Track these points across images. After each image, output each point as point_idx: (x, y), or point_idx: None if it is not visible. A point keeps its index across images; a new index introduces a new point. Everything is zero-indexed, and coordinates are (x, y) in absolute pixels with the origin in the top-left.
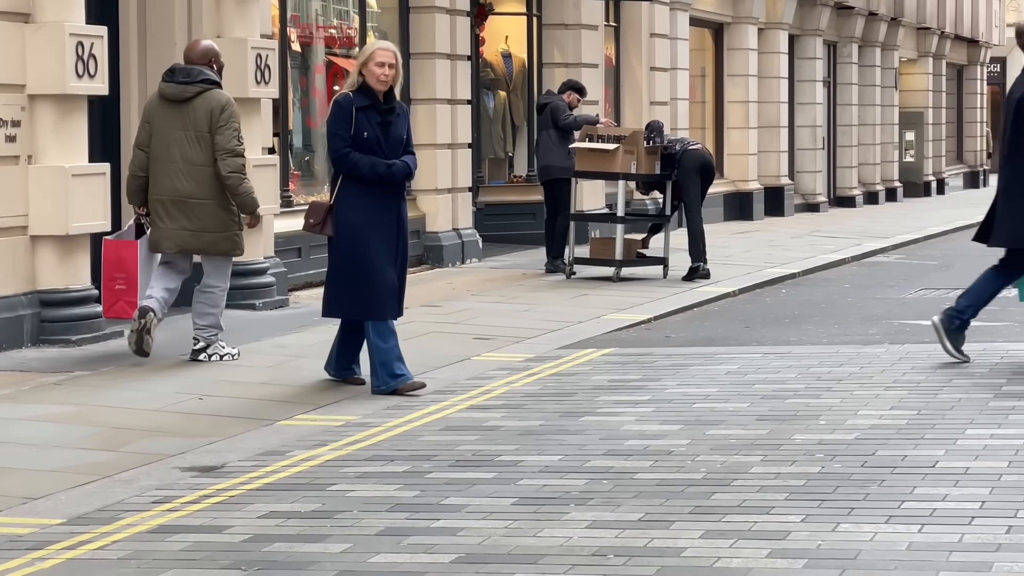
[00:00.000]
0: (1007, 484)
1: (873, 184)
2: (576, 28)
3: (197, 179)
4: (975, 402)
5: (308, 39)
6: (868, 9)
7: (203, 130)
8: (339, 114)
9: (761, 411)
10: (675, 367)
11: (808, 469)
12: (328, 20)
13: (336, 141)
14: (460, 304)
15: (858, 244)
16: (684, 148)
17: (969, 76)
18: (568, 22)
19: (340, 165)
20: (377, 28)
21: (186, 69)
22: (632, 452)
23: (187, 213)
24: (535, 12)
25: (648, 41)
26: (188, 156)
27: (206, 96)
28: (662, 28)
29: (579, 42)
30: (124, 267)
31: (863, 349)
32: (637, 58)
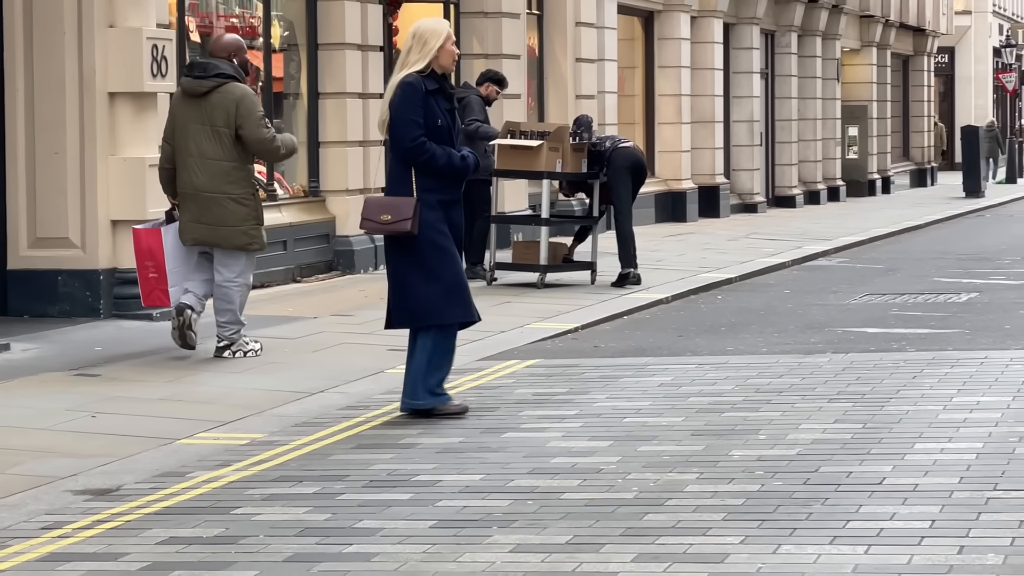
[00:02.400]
0: (958, 501)
1: (814, 183)
2: (496, 16)
3: (211, 173)
4: (924, 415)
5: (208, 28)
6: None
7: (218, 124)
8: (413, 97)
9: (696, 425)
10: (604, 379)
11: (747, 487)
12: (229, 8)
13: (411, 128)
14: (374, 313)
15: (799, 247)
16: (614, 146)
17: (916, 67)
18: (488, 10)
19: (415, 155)
20: (282, 17)
21: (203, 63)
22: (559, 470)
23: (202, 207)
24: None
25: (574, 30)
26: (203, 150)
27: (222, 91)
28: (588, 16)
29: (500, 31)
30: (153, 256)
31: (805, 359)
32: (562, 49)
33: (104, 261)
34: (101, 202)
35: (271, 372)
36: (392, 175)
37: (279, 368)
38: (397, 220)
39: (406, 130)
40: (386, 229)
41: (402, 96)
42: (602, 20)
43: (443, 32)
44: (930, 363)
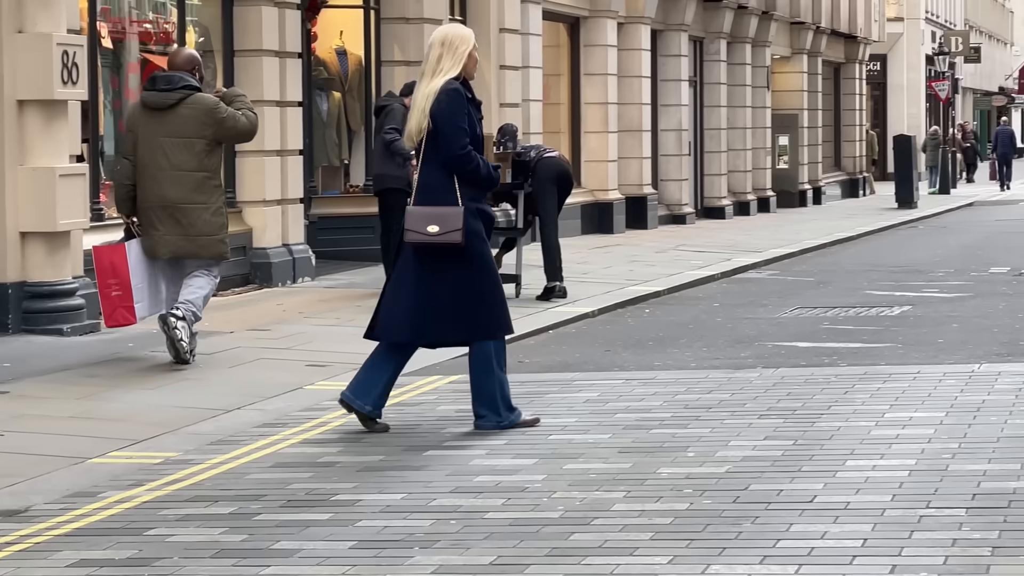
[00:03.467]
0: (890, 520)
1: (744, 193)
2: (418, 22)
3: (185, 184)
4: (856, 431)
5: (121, 35)
6: (737, 2)
7: (190, 135)
8: (461, 104)
9: (624, 443)
10: (529, 395)
11: (675, 506)
12: (143, 14)
13: (461, 136)
14: (291, 327)
15: (728, 259)
16: (539, 156)
17: (847, 75)
18: (409, 16)
19: (463, 164)
20: (198, 22)
21: (168, 76)
22: (482, 489)
23: (178, 218)
24: (373, 5)
25: (497, 37)
26: (175, 162)
27: (190, 102)
28: (512, 22)
29: (421, 38)
30: (117, 272)
31: (734, 374)
32: (485, 56)
33: (13, 274)
34: (10, 213)
35: (186, 389)
36: (431, 184)
37: (194, 384)
38: (447, 231)
39: (456, 138)
40: (435, 241)
41: (449, 103)
42: (527, 26)
43: (471, 38)
44: (862, 378)
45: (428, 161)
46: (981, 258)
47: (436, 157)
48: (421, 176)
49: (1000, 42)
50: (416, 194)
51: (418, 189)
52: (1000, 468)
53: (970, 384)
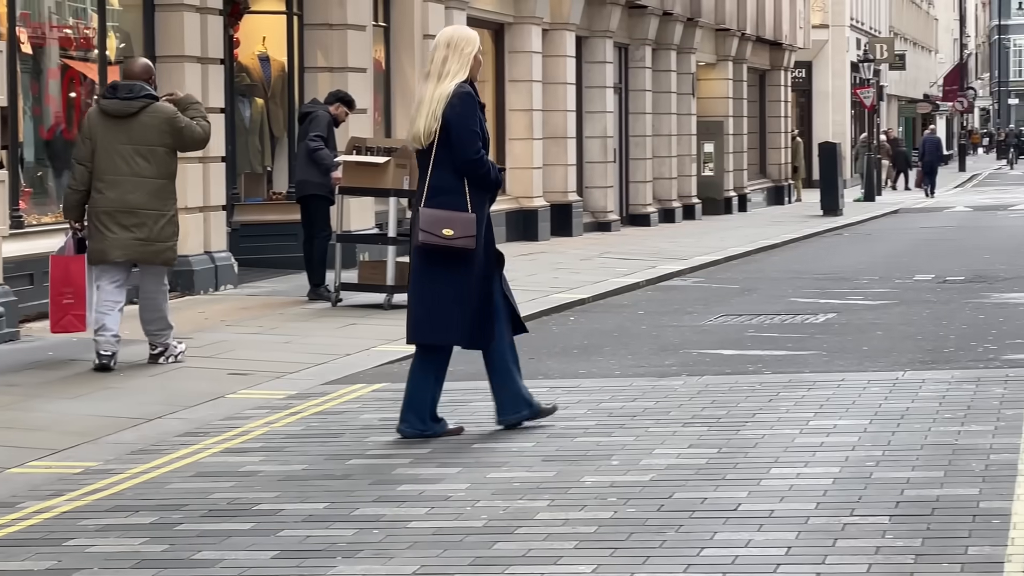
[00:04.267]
0: (815, 527)
1: (669, 200)
2: (342, 28)
3: (145, 191)
4: (780, 439)
5: (41, 40)
6: (662, 9)
7: (152, 143)
8: (473, 107)
9: (548, 451)
10: (453, 403)
11: (599, 514)
12: (63, 19)
13: (475, 140)
14: (213, 336)
15: (653, 266)
16: None
17: (772, 82)
18: (333, 22)
19: (476, 168)
20: (119, 28)
21: (128, 85)
22: (405, 498)
23: (136, 223)
24: (296, 11)
25: (421, 43)
26: (136, 169)
27: (150, 111)
28: (437, 28)
29: (345, 44)
30: (72, 281)
31: (659, 382)
32: (410, 62)
33: None
34: None
35: (107, 398)
36: (443, 186)
37: (116, 393)
38: (462, 236)
39: (471, 142)
40: (450, 244)
41: (463, 106)
42: None
43: (476, 40)
44: (786, 386)
45: (440, 164)
46: (906, 266)
47: (448, 160)
48: (432, 179)
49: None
50: (427, 196)
51: (429, 191)
52: (923, 476)
53: (894, 392)
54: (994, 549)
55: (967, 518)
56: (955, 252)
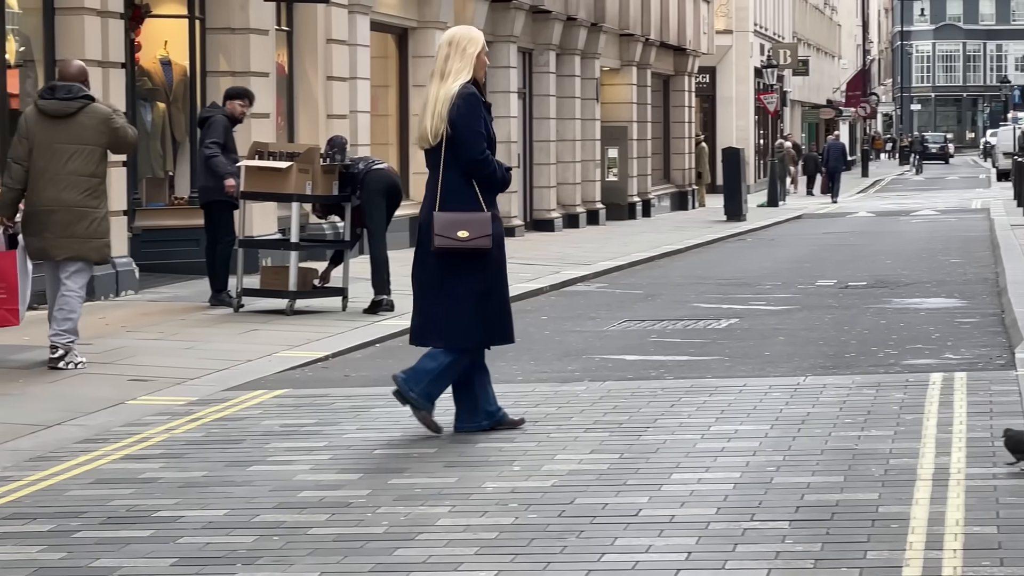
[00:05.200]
0: (715, 533)
1: (573, 206)
2: (244, 32)
3: (82, 189)
4: (682, 444)
5: None
6: (566, 14)
7: (90, 143)
8: (478, 108)
9: (450, 457)
10: (355, 409)
11: (500, 520)
12: None
13: (480, 140)
14: (114, 341)
15: (557, 272)
16: (367, 168)
17: (676, 87)
18: (235, 26)
19: (482, 168)
20: (18, 31)
21: (66, 86)
22: (306, 504)
23: (70, 221)
24: (198, 15)
25: (325, 47)
26: (74, 168)
27: (88, 111)
28: (340, 33)
29: (247, 48)
30: (4, 277)
31: (561, 387)
32: (313, 66)
33: None
34: None
35: (5, 404)
36: (453, 188)
37: (14, 400)
38: (477, 236)
39: (476, 143)
40: (466, 246)
41: (467, 107)
42: (354, 37)
43: (480, 39)
44: (688, 391)
45: (450, 166)
46: (808, 271)
47: (456, 162)
48: (444, 182)
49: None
50: (440, 200)
51: (442, 195)
52: (824, 480)
53: (795, 397)
54: (892, 553)
55: (866, 523)
56: (857, 258)
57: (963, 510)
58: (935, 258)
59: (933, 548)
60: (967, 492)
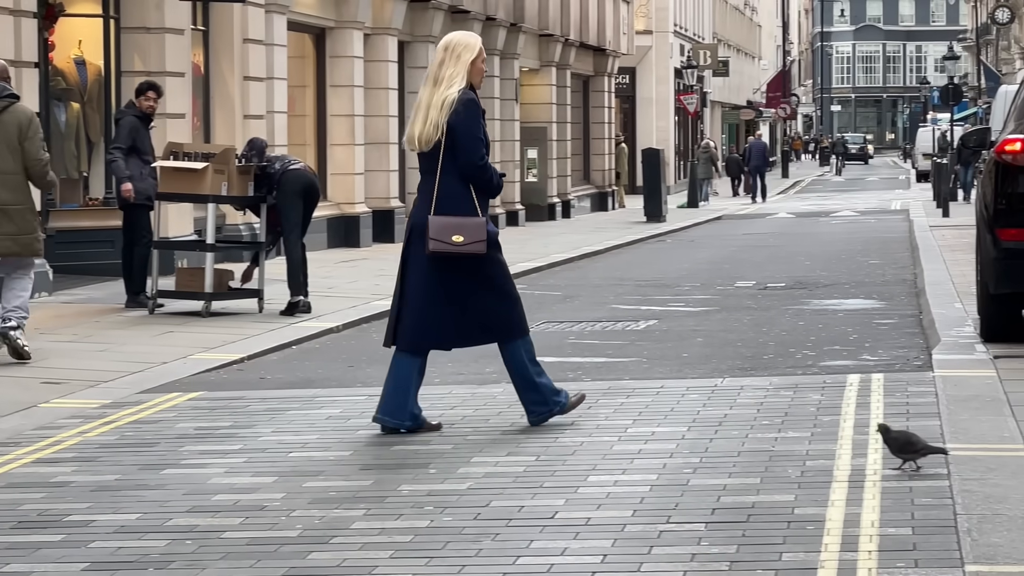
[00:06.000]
0: (631, 535)
1: (492, 207)
2: (159, 32)
3: (12, 187)
4: (599, 446)
5: None
6: (485, 14)
7: (15, 141)
8: (477, 114)
9: (365, 460)
10: (270, 412)
11: (416, 523)
12: None
13: (479, 146)
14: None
15: None
16: (284, 168)
17: (596, 88)
18: (150, 25)
19: (481, 174)
20: None
21: None
22: (220, 508)
23: (7, 219)
24: (113, 14)
25: (241, 47)
26: (4, 166)
27: (12, 110)
28: (257, 33)
29: (163, 48)
30: None
31: (479, 389)
32: (229, 66)
33: None
34: None
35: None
36: (449, 193)
37: None
38: (472, 241)
39: (475, 148)
40: (460, 251)
41: (466, 113)
42: (271, 37)
43: (476, 46)
44: (606, 393)
45: (447, 171)
46: (727, 272)
47: (454, 167)
48: (441, 186)
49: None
50: (436, 205)
51: (438, 200)
52: (740, 482)
53: (713, 398)
54: (808, 555)
55: (782, 524)
56: (776, 259)
57: (878, 512)
58: (854, 259)
59: (848, 550)
60: (883, 494)
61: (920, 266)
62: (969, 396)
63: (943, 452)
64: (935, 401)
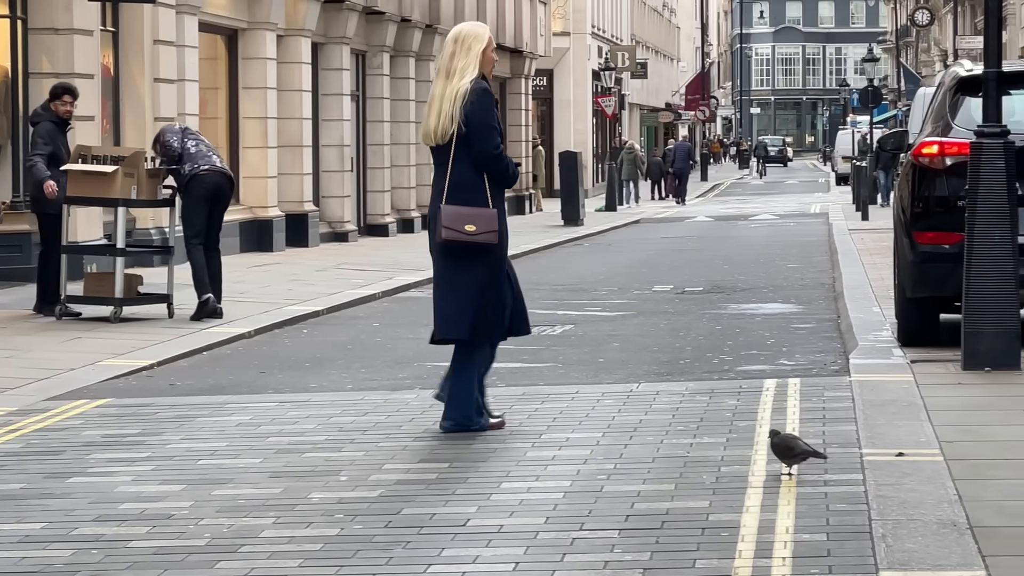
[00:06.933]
0: (544, 542)
1: (408, 210)
2: (68, 33)
3: None
4: (512, 452)
5: None
6: (400, 15)
7: None
8: (491, 103)
9: (275, 467)
10: (179, 419)
11: (326, 531)
12: None
13: (494, 135)
14: None
15: (390, 277)
16: (192, 171)
17: (513, 90)
18: (59, 26)
19: (496, 163)
20: None
21: None
22: (127, 517)
23: None
24: (20, 14)
25: (152, 49)
26: None
27: None
28: (167, 34)
29: (71, 49)
30: None
31: (391, 395)
32: (139, 68)
33: None
34: None
35: None
36: (463, 183)
37: None
38: (484, 231)
39: (490, 138)
40: (472, 240)
41: (480, 103)
42: (182, 38)
43: (485, 36)
44: (520, 398)
45: (460, 161)
46: (645, 276)
47: (467, 157)
48: (453, 176)
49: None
50: (448, 193)
51: (450, 189)
52: (654, 489)
53: (628, 404)
54: (721, 562)
55: (696, 531)
56: (694, 263)
57: (793, 518)
58: (773, 263)
59: (762, 556)
60: (798, 499)
61: (839, 270)
62: (886, 401)
63: (822, 457)
64: (851, 406)
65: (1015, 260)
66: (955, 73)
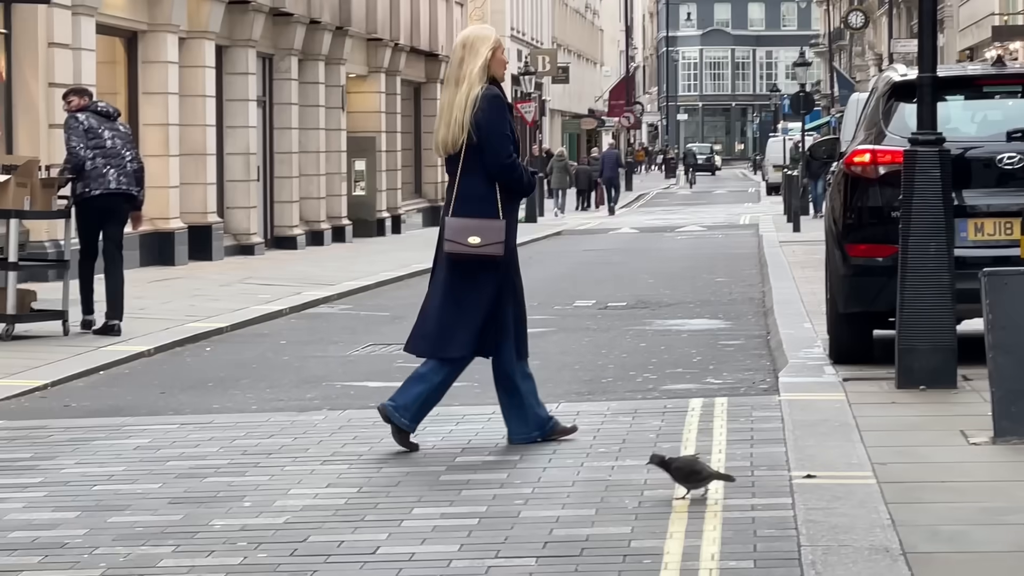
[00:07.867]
0: (457, 571)
1: (317, 222)
2: None
3: None
4: (424, 476)
5: None
6: (309, 16)
7: None
8: (503, 111)
9: (175, 492)
10: (74, 442)
11: (228, 560)
12: None
13: (507, 143)
14: None
15: (298, 292)
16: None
17: (428, 96)
18: None
19: (509, 172)
20: None
21: None
22: (17, 546)
23: None
24: None
25: (46, 52)
26: None
27: None
28: (63, 37)
29: None
30: None
31: (298, 417)
32: (33, 72)
33: None
34: None
35: None
36: (472, 194)
37: None
38: (489, 243)
39: (503, 146)
40: (476, 253)
41: (492, 110)
42: (79, 41)
43: (492, 36)
44: (435, 419)
45: (469, 171)
46: (566, 291)
47: (478, 166)
48: (461, 187)
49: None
50: (455, 204)
51: (457, 199)
52: (574, 514)
53: None
54: None
55: (617, 558)
56: (618, 276)
57: (719, 543)
58: (700, 277)
59: None
60: (724, 524)
61: (769, 284)
62: (816, 420)
63: (730, 479)
64: (781, 426)
65: (951, 273)
66: (889, 78)
